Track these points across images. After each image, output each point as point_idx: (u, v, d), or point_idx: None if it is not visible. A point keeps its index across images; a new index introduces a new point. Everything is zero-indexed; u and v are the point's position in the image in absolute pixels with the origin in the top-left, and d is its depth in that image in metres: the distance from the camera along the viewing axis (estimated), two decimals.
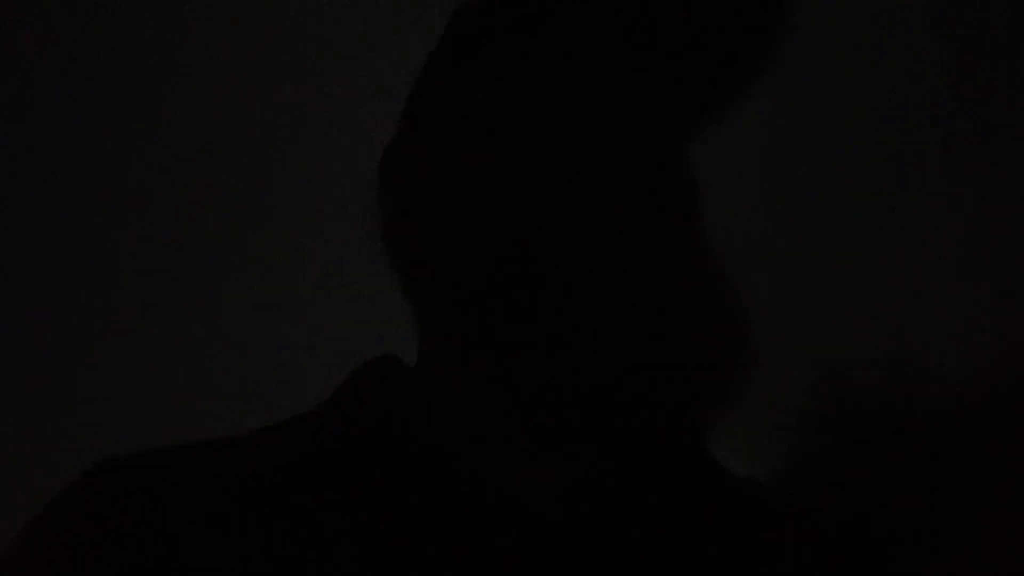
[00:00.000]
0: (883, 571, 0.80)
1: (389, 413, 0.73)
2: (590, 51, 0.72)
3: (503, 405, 0.70)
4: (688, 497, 0.74)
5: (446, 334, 0.72)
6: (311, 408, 0.76)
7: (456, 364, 0.72)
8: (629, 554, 0.71)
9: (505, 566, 0.69)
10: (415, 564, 0.69)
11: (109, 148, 1.27)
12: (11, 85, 1.30)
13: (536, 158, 0.70)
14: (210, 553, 0.68)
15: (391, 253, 0.75)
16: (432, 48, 0.78)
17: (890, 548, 0.83)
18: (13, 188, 1.30)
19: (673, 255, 0.72)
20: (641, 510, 0.72)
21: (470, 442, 0.71)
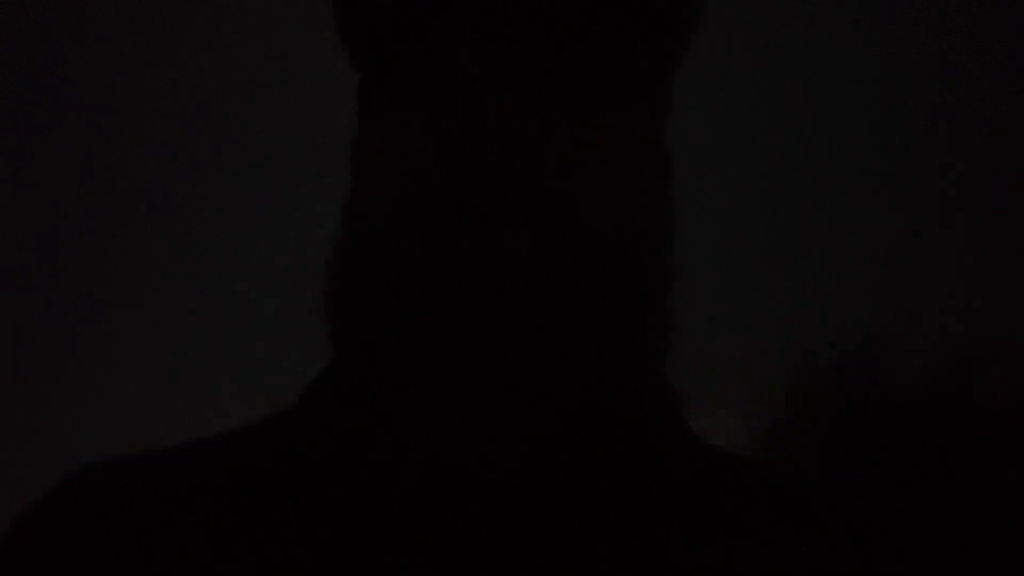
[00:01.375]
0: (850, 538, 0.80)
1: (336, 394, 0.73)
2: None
3: (449, 372, 0.69)
4: (637, 456, 0.73)
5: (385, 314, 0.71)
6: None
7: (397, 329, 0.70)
8: (581, 517, 0.70)
9: (458, 530, 0.69)
10: (370, 535, 0.69)
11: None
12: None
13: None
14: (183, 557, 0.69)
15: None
16: None
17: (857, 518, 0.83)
18: None
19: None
20: (591, 470, 0.71)
21: (419, 408, 0.70)
